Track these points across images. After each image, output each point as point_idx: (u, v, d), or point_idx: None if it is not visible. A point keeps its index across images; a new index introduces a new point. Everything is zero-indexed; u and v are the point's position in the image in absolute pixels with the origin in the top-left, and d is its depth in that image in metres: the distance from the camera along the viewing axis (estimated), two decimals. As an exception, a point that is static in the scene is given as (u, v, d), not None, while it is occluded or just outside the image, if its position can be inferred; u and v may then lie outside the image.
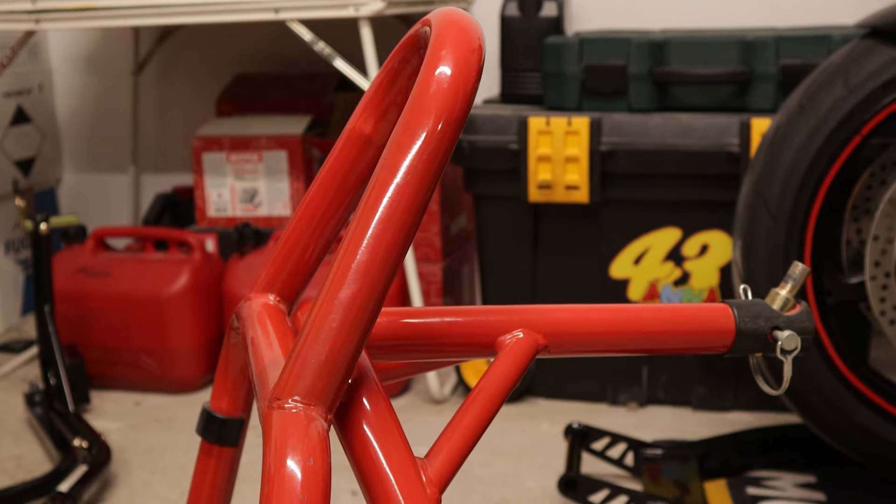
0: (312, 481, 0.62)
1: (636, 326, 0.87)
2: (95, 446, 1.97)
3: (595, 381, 2.29)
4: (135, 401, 2.42)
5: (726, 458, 1.93)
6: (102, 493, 1.93)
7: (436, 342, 0.84)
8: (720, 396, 2.23)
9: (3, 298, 2.96)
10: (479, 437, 0.76)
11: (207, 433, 1.00)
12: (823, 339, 1.67)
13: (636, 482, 1.87)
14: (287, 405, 0.66)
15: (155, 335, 2.40)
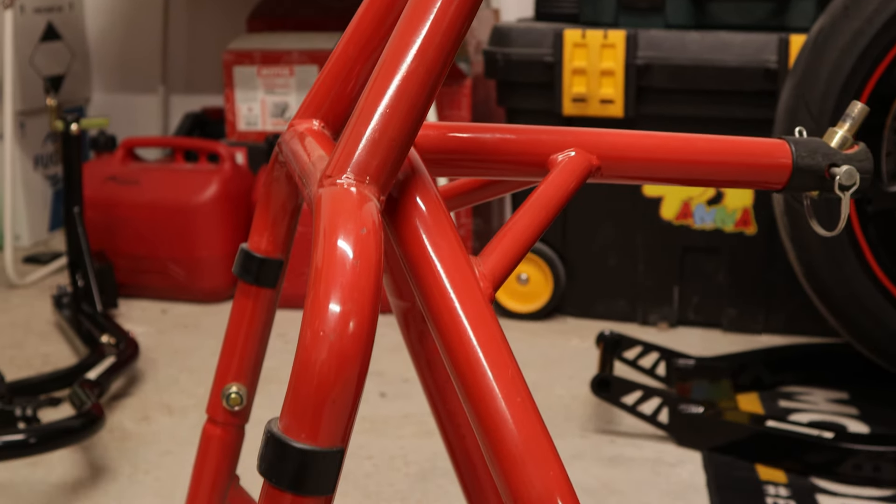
0: (365, 249, 0.60)
1: (691, 155, 0.84)
2: (123, 342, 1.97)
3: (625, 301, 2.26)
4: (161, 309, 2.41)
5: (758, 374, 1.91)
6: (129, 388, 1.93)
7: (486, 158, 0.82)
8: (751, 319, 2.20)
9: (32, 213, 2.96)
10: (532, 243, 0.74)
11: (245, 273, 0.98)
12: (862, 246, 1.65)
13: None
14: (339, 181, 0.64)
15: (183, 244, 2.39)
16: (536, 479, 0.62)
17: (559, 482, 0.63)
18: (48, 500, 1.50)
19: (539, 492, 0.62)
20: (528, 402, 0.64)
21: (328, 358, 0.58)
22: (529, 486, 0.62)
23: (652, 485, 1.54)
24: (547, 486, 0.62)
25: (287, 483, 0.58)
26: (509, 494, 0.63)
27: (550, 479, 0.63)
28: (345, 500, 1.48)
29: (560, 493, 0.63)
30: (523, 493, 0.63)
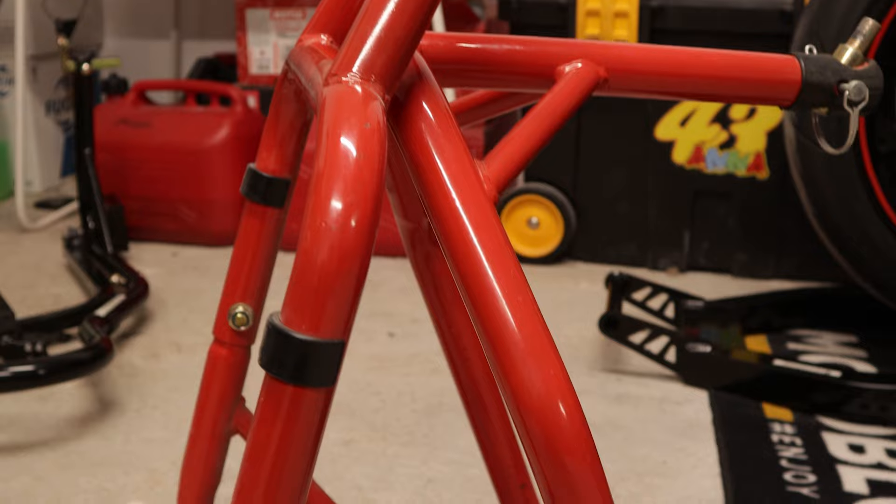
0: (368, 144, 0.60)
1: (699, 69, 0.84)
2: (133, 281, 1.97)
3: (636, 246, 2.26)
4: (172, 251, 2.42)
5: (767, 317, 1.91)
6: (139, 327, 1.93)
7: (493, 68, 0.81)
8: (761, 264, 2.20)
9: (43, 158, 2.96)
10: (537, 151, 0.74)
11: (253, 192, 0.98)
12: (874, 186, 1.64)
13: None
14: (344, 79, 0.64)
15: (194, 187, 2.39)
16: (537, 377, 0.62)
17: (559, 381, 0.63)
18: (57, 433, 1.51)
19: (539, 390, 0.62)
20: (530, 302, 0.64)
21: (330, 250, 0.58)
22: (530, 385, 0.62)
23: (657, 422, 1.54)
24: (547, 385, 0.63)
25: (288, 374, 0.58)
26: (510, 393, 0.63)
27: (551, 377, 0.63)
28: (352, 435, 1.49)
29: (560, 393, 0.63)
30: (524, 392, 0.63)
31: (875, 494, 1.33)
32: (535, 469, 0.63)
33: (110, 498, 1.32)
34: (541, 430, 0.63)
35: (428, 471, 1.39)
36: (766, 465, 1.40)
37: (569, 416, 0.63)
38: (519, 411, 0.63)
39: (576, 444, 0.63)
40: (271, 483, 0.60)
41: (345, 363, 1.70)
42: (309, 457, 0.61)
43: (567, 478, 0.63)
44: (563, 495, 0.63)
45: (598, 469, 0.63)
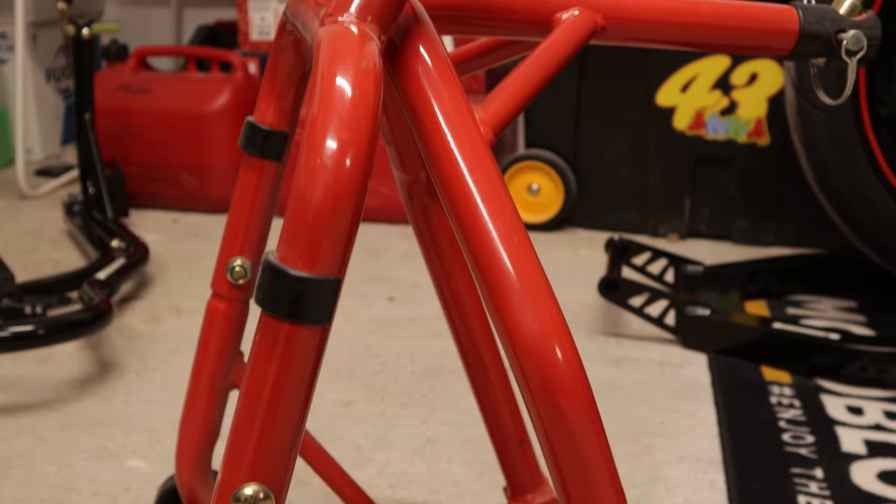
0: (364, 82, 0.60)
1: (697, 18, 0.84)
2: (133, 245, 1.97)
3: (636, 213, 2.26)
4: (173, 218, 2.42)
5: (767, 282, 1.91)
6: (139, 291, 1.94)
7: (490, 15, 0.81)
8: (762, 231, 2.20)
9: (44, 126, 2.96)
10: (533, 96, 0.73)
11: (251, 145, 0.98)
12: (874, 150, 1.64)
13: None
14: (340, 19, 0.64)
15: (195, 153, 2.39)
16: (532, 318, 0.62)
17: (555, 322, 0.63)
18: (57, 394, 1.51)
19: (535, 332, 0.62)
20: (525, 244, 0.64)
21: (325, 187, 0.58)
22: (525, 326, 0.62)
23: (656, 383, 1.54)
24: (543, 327, 0.63)
25: (284, 311, 0.58)
26: (506, 335, 0.63)
27: (546, 318, 0.63)
28: (351, 396, 1.49)
29: (556, 335, 0.63)
30: (520, 334, 0.63)
31: (873, 455, 1.33)
32: (532, 412, 0.64)
33: (110, 457, 1.32)
34: (537, 372, 0.63)
35: (427, 431, 1.39)
36: (764, 426, 1.41)
37: (565, 358, 0.63)
38: (515, 354, 0.63)
39: (572, 387, 0.63)
40: (267, 420, 0.60)
41: (344, 326, 1.72)
42: (305, 394, 0.61)
43: (563, 420, 0.63)
44: (559, 438, 0.63)
45: (594, 411, 0.64)
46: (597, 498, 0.64)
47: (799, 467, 1.29)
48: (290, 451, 0.62)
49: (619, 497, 0.65)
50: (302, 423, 0.62)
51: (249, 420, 0.60)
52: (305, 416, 0.62)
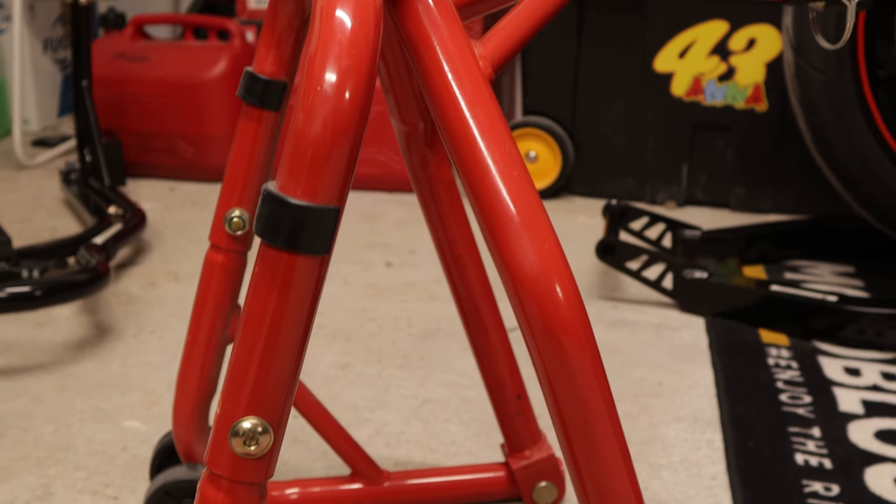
0: (364, 12, 0.59)
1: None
2: (130, 211, 1.97)
3: (634, 180, 2.26)
4: (170, 187, 2.42)
5: (765, 248, 1.91)
6: (136, 257, 1.93)
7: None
8: (759, 198, 2.20)
9: (41, 97, 2.95)
10: (532, 34, 0.73)
11: (249, 95, 0.97)
12: (873, 112, 1.63)
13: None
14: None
15: (192, 121, 2.38)
16: (531, 251, 0.62)
17: (554, 256, 0.63)
18: (54, 357, 1.51)
19: (533, 263, 0.62)
20: (524, 178, 0.64)
21: (326, 116, 0.58)
22: (523, 259, 0.62)
23: (654, 346, 1.54)
24: (542, 261, 0.62)
25: (283, 240, 0.58)
26: (506, 271, 0.63)
27: (545, 251, 0.62)
28: (347, 358, 1.49)
29: (556, 269, 0.63)
30: (519, 270, 0.62)
31: (870, 414, 1.33)
32: (532, 349, 0.63)
33: (106, 417, 1.32)
34: (537, 308, 0.62)
35: (423, 392, 1.39)
36: (761, 386, 1.41)
37: (565, 295, 0.63)
38: (515, 291, 0.63)
39: (571, 323, 0.63)
40: (266, 352, 0.60)
41: (341, 291, 1.71)
42: (304, 327, 0.60)
43: (563, 357, 0.63)
44: (558, 373, 0.63)
45: (594, 348, 0.63)
46: (595, 434, 0.64)
47: (796, 426, 1.29)
48: (289, 385, 0.61)
49: (618, 433, 0.65)
50: (301, 356, 0.61)
51: (248, 352, 0.60)
52: (304, 349, 0.62)
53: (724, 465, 1.20)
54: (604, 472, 0.64)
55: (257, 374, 0.60)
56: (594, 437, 0.64)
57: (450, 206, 1.02)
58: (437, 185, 1.01)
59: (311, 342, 1.51)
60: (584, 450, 0.63)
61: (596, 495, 0.63)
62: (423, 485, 1.10)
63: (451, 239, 1.03)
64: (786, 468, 1.19)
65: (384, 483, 1.09)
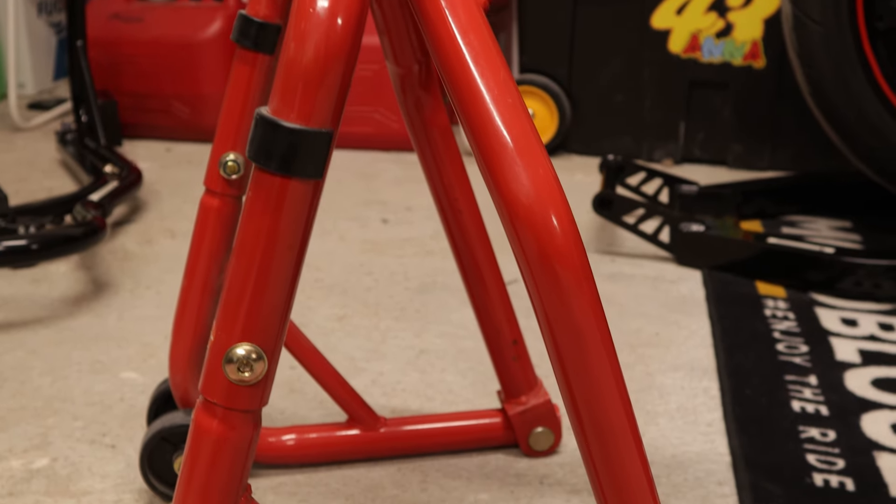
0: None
1: None
2: (126, 169, 1.96)
3: (631, 138, 2.25)
4: (166, 147, 2.41)
5: (762, 204, 1.91)
6: (133, 215, 1.93)
7: None
8: (756, 155, 2.19)
9: (36, 61, 2.94)
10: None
11: (243, 38, 0.97)
12: (871, 64, 1.63)
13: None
14: None
15: (187, 81, 2.37)
16: (525, 178, 0.62)
17: (548, 180, 0.62)
18: (51, 311, 1.51)
19: (528, 190, 0.62)
20: (519, 105, 0.63)
21: (319, 40, 0.57)
22: (518, 186, 0.62)
23: (651, 298, 1.54)
24: (536, 185, 0.62)
25: (276, 164, 0.58)
26: (499, 196, 0.63)
27: (540, 177, 0.62)
28: (344, 311, 1.49)
29: (551, 198, 0.63)
30: (512, 195, 0.62)
31: (867, 363, 1.34)
32: (527, 279, 0.63)
33: (103, 369, 1.32)
34: (533, 238, 0.62)
35: (420, 343, 1.39)
36: (758, 336, 1.41)
37: (560, 224, 0.63)
38: (511, 221, 0.63)
39: (567, 253, 0.63)
40: (260, 278, 0.60)
41: (338, 246, 1.71)
42: (297, 252, 0.60)
43: (558, 286, 0.63)
44: (553, 302, 0.63)
45: (590, 277, 0.63)
46: (591, 364, 0.63)
47: (793, 375, 1.29)
48: (283, 312, 0.61)
49: (613, 363, 0.64)
50: (294, 282, 0.61)
51: (242, 278, 0.60)
52: (298, 275, 0.61)
53: (721, 412, 1.21)
54: (600, 403, 0.64)
55: (251, 300, 0.60)
56: (590, 368, 0.63)
57: (446, 151, 1.02)
58: (433, 129, 1.01)
59: (307, 295, 1.51)
60: (581, 381, 0.63)
61: (592, 426, 0.63)
62: (419, 431, 1.10)
63: (447, 184, 1.03)
64: (782, 415, 1.19)
65: (380, 429, 1.09)
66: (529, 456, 1.11)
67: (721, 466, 1.09)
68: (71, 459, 1.10)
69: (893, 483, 1.05)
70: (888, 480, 1.06)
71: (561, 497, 1.03)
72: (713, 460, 1.10)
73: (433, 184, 1.03)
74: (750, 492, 1.03)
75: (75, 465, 1.09)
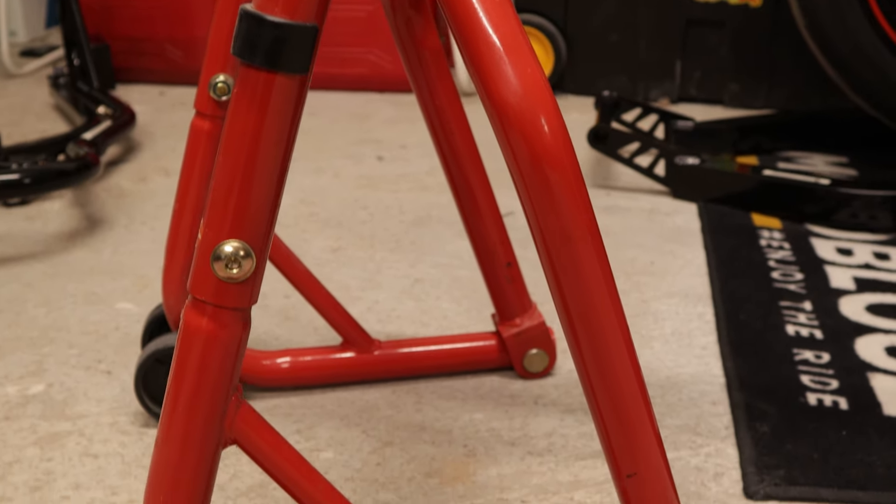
0: None
1: None
2: (119, 110, 1.95)
3: (626, 78, 2.24)
4: (159, 91, 2.40)
5: (758, 140, 1.90)
6: (127, 155, 1.92)
7: None
8: (753, 94, 2.19)
9: (27, 8, 2.92)
10: None
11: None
12: (867, -5, 1.62)
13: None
14: None
15: (180, 24, 2.36)
16: (514, 77, 0.61)
17: (536, 79, 0.62)
18: (45, 247, 1.50)
19: (516, 89, 0.61)
20: (506, 4, 0.63)
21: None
22: (506, 87, 0.61)
23: (646, 230, 1.54)
24: (525, 85, 0.62)
25: (262, 59, 0.57)
26: (488, 97, 0.62)
27: (528, 76, 0.62)
28: (339, 243, 1.49)
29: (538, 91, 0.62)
30: (500, 96, 0.62)
31: (862, 290, 1.34)
32: (518, 182, 0.63)
33: (99, 300, 1.32)
34: (523, 141, 0.62)
35: (415, 273, 1.39)
36: (753, 265, 1.41)
37: (549, 126, 0.62)
38: (501, 125, 0.62)
39: (556, 155, 0.62)
40: (247, 174, 0.59)
41: (332, 183, 1.71)
42: (284, 148, 0.60)
43: (547, 187, 0.62)
44: (543, 205, 0.63)
45: (580, 180, 0.63)
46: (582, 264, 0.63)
47: (787, 301, 1.29)
48: (271, 209, 0.61)
49: (603, 263, 0.64)
50: (281, 179, 0.61)
51: (229, 175, 0.60)
52: (285, 172, 0.61)
53: (715, 336, 1.21)
54: (592, 305, 0.63)
55: (238, 197, 0.60)
56: (581, 269, 0.63)
57: (437, 73, 1.01)
58: (424, 50, 1.00)
59: (301, 228, 1.51)
60: (572, 284, 0.63)
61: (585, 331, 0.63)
62: (413, 353, 1.10)
63: (438, 106, 1.02)
64: (776, 338, 1.19)
65: (375, 352, 1.09)
66: (524, 378, 1.11)
67: (715, 387, 1.09)
68: (66, 385, 1.10)
69: (887, 402, 1.06)
70: (882, 400, 1.06)
71: (555, 416, 1.03)
72: (707, 381, 1.10)
73: (425, 106, 1.02)
74: (743, 410, 1.04)
75: (71, 390, 1.09)
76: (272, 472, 0.66)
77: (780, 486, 0.91)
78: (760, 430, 1.00)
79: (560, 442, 0.99)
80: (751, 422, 1.01)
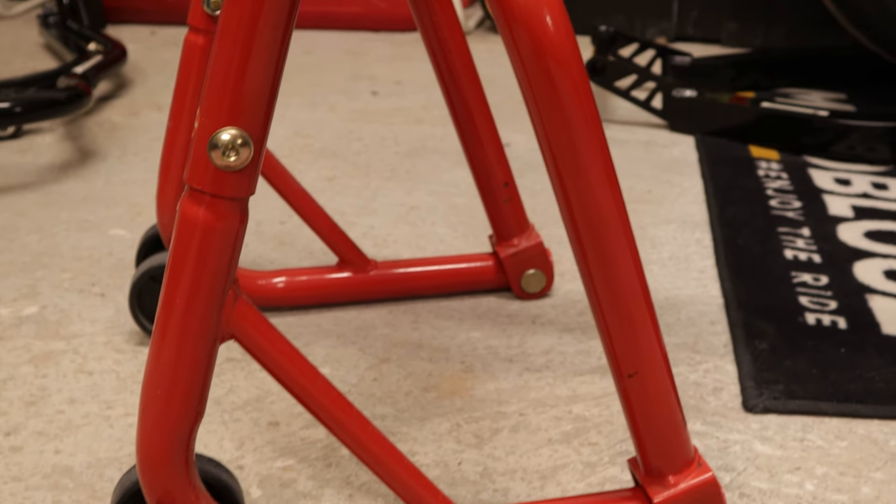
0: None
1: None
2: (109, 46, 1.93)
3: (623, 16, 2.23)
4: (150, 31, 2.38)
5: (756, 77, 1.89)
6: (118, 91, 1.91)
7: None
8: (751, 33, 2.17)
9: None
10: None
11: None
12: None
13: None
14: None
15: (172, -38, 2.34)
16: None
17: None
18: (38, 178, 1.49)
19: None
20: None
21: None
22: None
23: (643, 160, 1.53)
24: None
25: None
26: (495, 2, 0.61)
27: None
28: (334, 173, 1.48)
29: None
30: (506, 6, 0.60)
31: (860, 218, 1.33)
32: (521, 79, 0.61)
33: (91, 227, 1.31)
34: (528, 37, 0.60)
35: (411, 200, 1.38)
36: (751, 193, 1.40)
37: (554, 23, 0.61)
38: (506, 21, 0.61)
39: (561, 51, 0.61)
40: (243, 58, 0.58)
41: (327, 116, 1.70)
42: (282, 32, 0.58)
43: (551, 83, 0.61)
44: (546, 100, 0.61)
45: (583, 72, 0.61)
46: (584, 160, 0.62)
47: (786, 227, 1.29)
48: (268, 96, 0.60)
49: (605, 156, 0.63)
50: (280, 65, 0.60)
51: (226, 60, 0.58)
52: (283, 58, 0.60)
53: (713, 260, 1.20)
54: (591, 194, 0.62)
55: (235, 83, 0.59)
56: (582, 157, 0.62)
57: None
58: (422, -41, 0.99)
59: (296, 158, 1.50)
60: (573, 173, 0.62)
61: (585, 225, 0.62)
62: (410, 273, 1.09)
63: (436, 23, 1.01)
64: (775, 262, 1.18)
65: (371, 272, 1.08)
66: (521, 298, 1.10)
67: (713, 308, 1.08)
68: (60, 307, 1.09)
69: (885, 321, 1.05)
70: (880, 319, 1.06)
71: (553, 334, 1.03)
72: (705, 302, 1.09)
73: (423, 25, 1.01)
74: (742, 329, 1.03)
75: (64, 311, 1.08)
76: (270, 367, 0.65)
77: (779, 399, 0.91)
78: (759, 348, 0.99)
79: (558, 359, 0.98)
80: (749, 340, 1.01)
